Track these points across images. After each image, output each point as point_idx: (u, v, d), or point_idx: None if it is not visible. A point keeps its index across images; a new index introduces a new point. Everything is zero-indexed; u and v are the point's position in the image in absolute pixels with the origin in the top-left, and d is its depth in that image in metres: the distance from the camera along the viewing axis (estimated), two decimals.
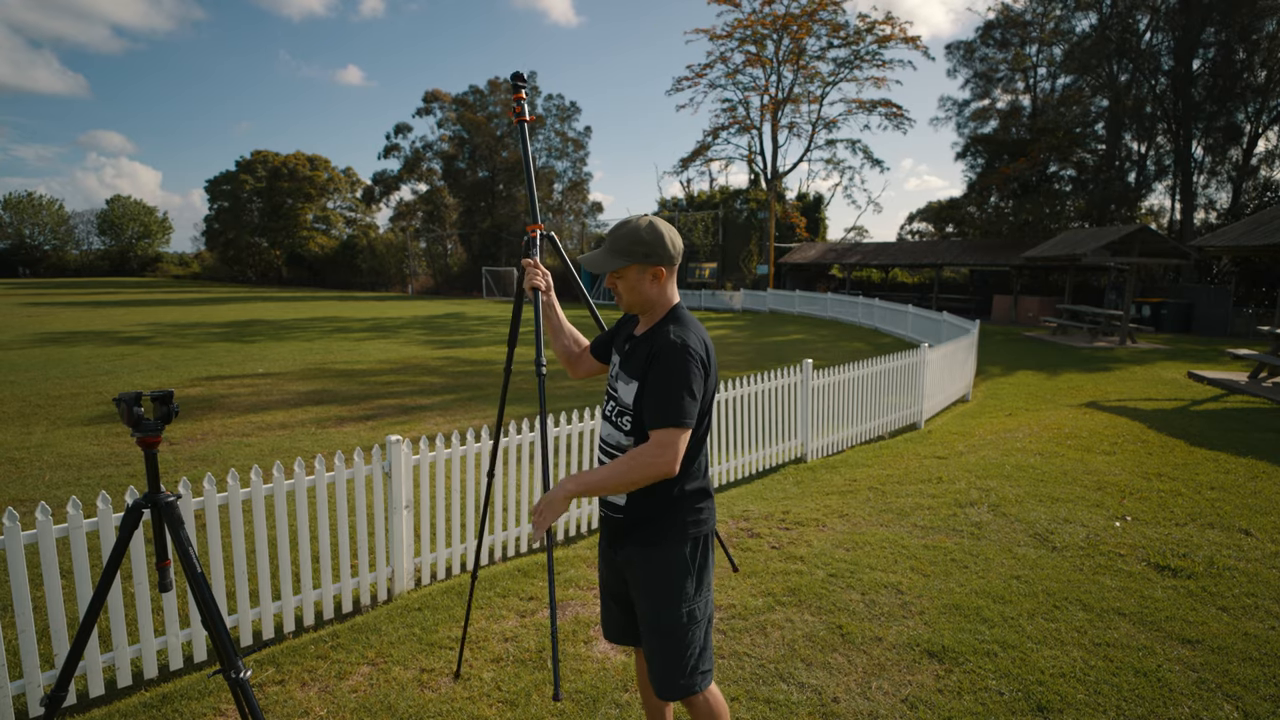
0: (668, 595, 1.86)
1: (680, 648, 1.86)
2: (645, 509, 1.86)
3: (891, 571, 3.82)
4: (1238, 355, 11.26)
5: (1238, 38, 24.78)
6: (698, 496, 1.89)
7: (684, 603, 1.86)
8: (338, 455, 3.41)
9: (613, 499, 1.91)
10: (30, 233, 71.67)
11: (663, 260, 1.84)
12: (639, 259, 1.83)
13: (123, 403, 1.84)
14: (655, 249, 1.82)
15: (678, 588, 1.86)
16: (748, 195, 37.21)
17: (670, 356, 1.74)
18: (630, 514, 1.88)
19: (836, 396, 6.65)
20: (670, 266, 1.87)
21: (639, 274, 1.85)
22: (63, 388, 9.41)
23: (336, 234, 59.04)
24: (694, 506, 1.88)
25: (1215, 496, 5.08)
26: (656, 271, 1.85)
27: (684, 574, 1.87)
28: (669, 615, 1.86)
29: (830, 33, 32.82)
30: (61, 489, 5.25)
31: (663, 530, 1.86)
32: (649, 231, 1.83)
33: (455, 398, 9.24)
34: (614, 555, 1.97)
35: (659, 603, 1.87)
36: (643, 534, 1.88)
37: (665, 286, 1.88)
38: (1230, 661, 2.92)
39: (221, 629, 1.87)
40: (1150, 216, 30.11)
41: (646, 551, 1.87)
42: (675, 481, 1.84)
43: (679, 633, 1.86)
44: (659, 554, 1.86)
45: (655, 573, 1.87)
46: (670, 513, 1.86)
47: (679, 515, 1.86)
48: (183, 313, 23.97)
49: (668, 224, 1.89)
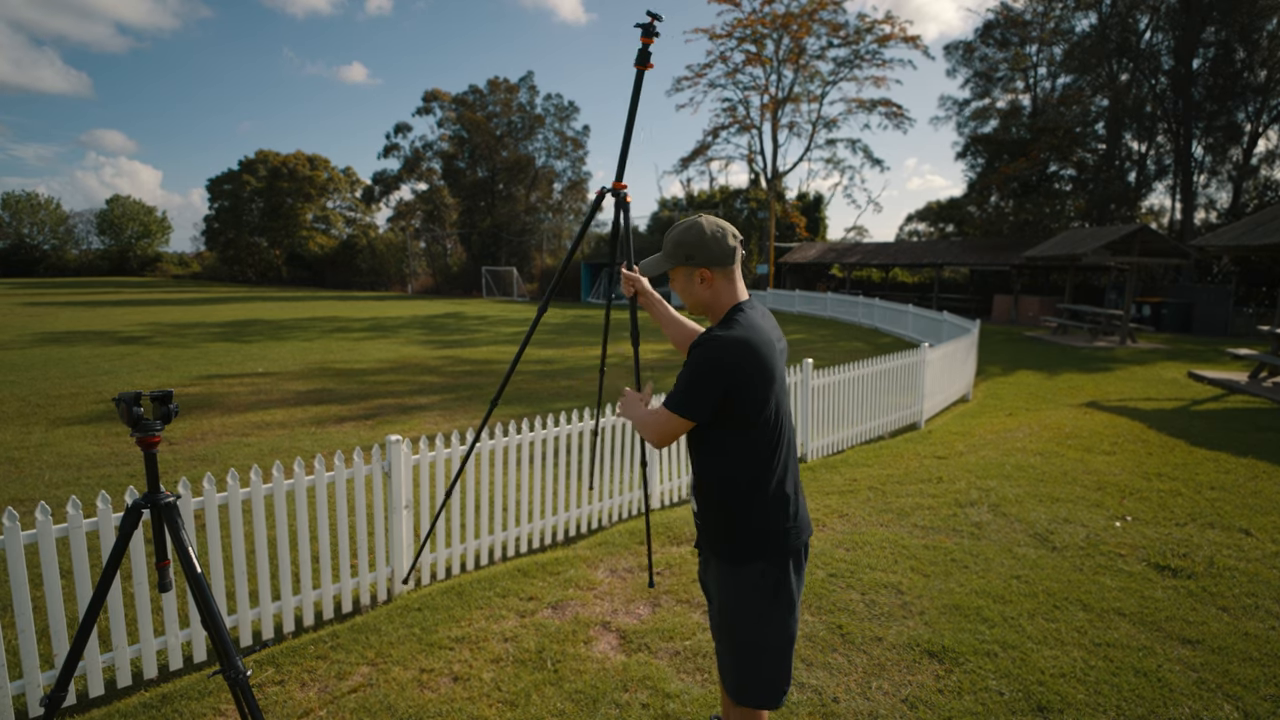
0: (728, 608, 1.84)
1: (734, 661, 1.86)
2: (711, 515, 1.84)
3: (891, 571, 3.81)
4: (1238, 355, 11.26)
5: (1238, 37, 24.78)
6: (770, 512, 1.78)
7: (745, 620, 1.81)
8: (338, 455, 3.41)
9: (693, 504, 1.93)
10: (29, 232, 71.62)
11: (706, 261, 1.78)
12: (680, 261, 1.81)
13: (122, 402, 1.83)
14: (695, 250, 1.78)
15: (741, 604, 1.81)
16: (748, 195, 37.23)
17: (699, 349, 1.72)
18: (704, 520, 1.88)
19: (836, 396, 6.65)
20: (717, 267, 1.79)
21: (686, 277, 1.83)
22: (63, 388, 9.41)
23: (336, 234, 58.98)
24: (769, 525, 1.78)
25: (1215, 496, 5.08)
26: (702, 273, 1.80)
27: (747, 592, 1.80)
28: (726, 627, 1.85)
29: (830, 32, 32.81)
30: (61, 489, 5.24)
31: (736, 546, 1.81)
32: (688, 232, 1.79)
33: (455, 397, 9.23)
34: (702, 556, 2.01)
35: (721, 612, 1.87)
36: (715, 544, 1.86)
37: (718, 288, 1.82)
38: (1230, 661, 2.92)
39: (221, 629, 1.87)
40: (1150, 216, 30.12)
41: (721, 564, 1.86)
42: (740, 492, 1.78)
43: (735, 649, 1.85)
44: (730, 569, 1.83)
45: (721, 583, 1.86)
46: (736, 525, 1.79)
47: (748, 529, 1.79)
48: (182, 312, 23.96)
49: (716, 221, 1.82)
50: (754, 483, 1.78)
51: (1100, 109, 29.05)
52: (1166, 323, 20.14)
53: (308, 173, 57.79)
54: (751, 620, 1.81)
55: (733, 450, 1.78)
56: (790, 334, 18.95)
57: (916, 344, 11.83)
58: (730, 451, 1.78)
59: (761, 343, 1.73)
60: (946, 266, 28.22)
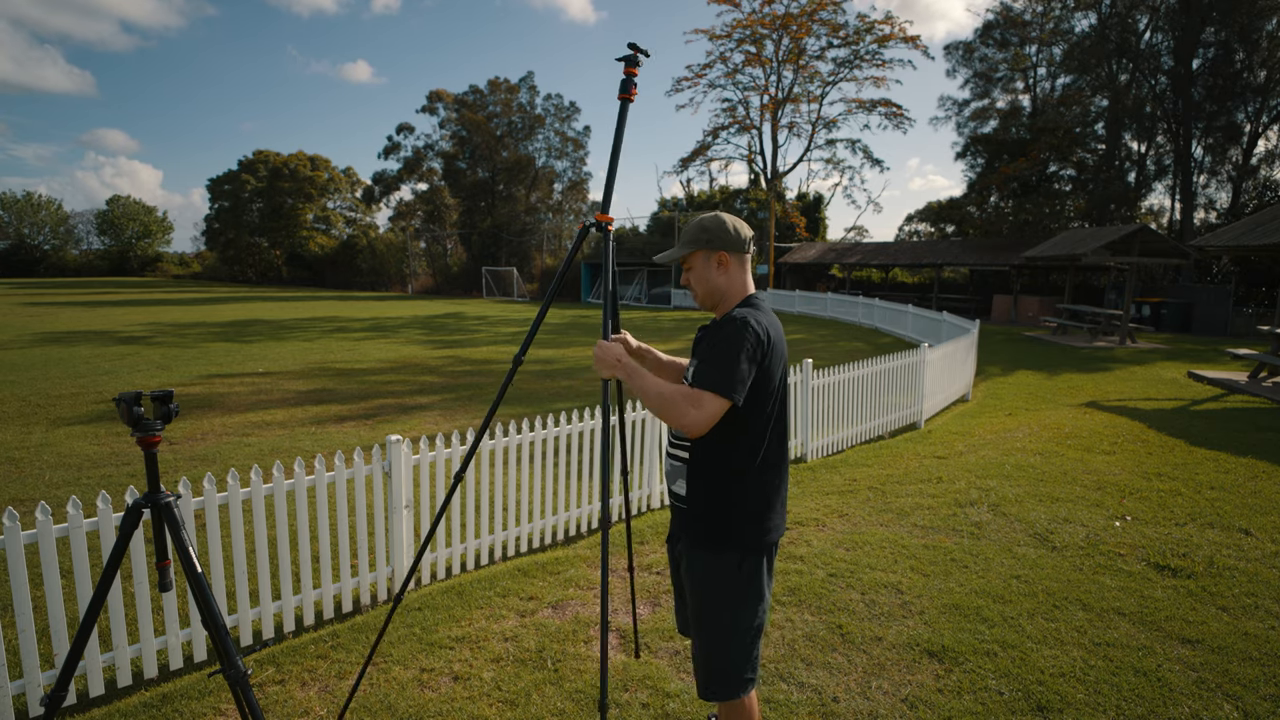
0: (713, 599, 1.84)
1: (721, 653, 1.85)
2: (704, 503, 1.84)
3: (891, 571, 3.82)
4: (1238, 355, 11.26)
5: (1237, 37, 24.79)
6: (761, 503, 1.83)
7: (729, 609, 1.83)
8: (338, 455, 3.41)
9: (677, 489, 1.89)
10: (30, 232, 71.61)
11: (725, 245, 1.87)
12: (702, 245, 1.88)
13: (122, 402, 1.83)
14: (716, 234, 1.87)
15: (725, 594, 1.83)
16: (748, 195, 37.25)
17: (727, 328, 1.75)
18: (691, 506, 1.86)
19: (836, 396, 6.65)
20: (734, 252, 1.89)
21: (704, 261, 1.90)
22: (63, 388, 9.41)
23: (336, 234, 59.01)
24: (754, 513, 1.82)
25: (1215, 496, 5.08)
26: (720, 257, 1.88)
27: (733, 582, 1.82)
28: (712, 619, 1.84)
29: (830, 32, 32.79)
30: (61, 489, 5.24)
31: (719, 532, 1.82)
32: (711, 220, 1.89)
33: (455, 397, 9.24)
34: (674, 550, 1.99)
35: (704, 605, 1.86)
36: (699, 531, 1.85)
37: (733, 275, 1.90)
38: (1230, 661, 2.92)
39: (221, 628, 1.87)
40: (1150, 216, 30.13)
41: (699, 552, 1.86)
42: (737, 480, 1.80)
43: (721, 638, 1.84)
44: (711, 557, 1.83)
45: (704, 575, 1.85)
46: (729, 513, 1.81)
47: (737, 519, 1.81)
48: (182, 312, 23.96)
49: (734, 216, 1.94)
50: (753, 472, 1.80)
51: (1100, 109, 29.07)
52: (1166, 323, 20.14)
53: (308, 173, 57.82)
54: (733, 608, 1.83)
55: (740, 437, 1.79)
56: (790, 334, 18.94)
57: (916, 344, 11.83)
58: (738, 438, 1.79)
59: (779, 331, 1.84)
60: (946, 266, 28.23)
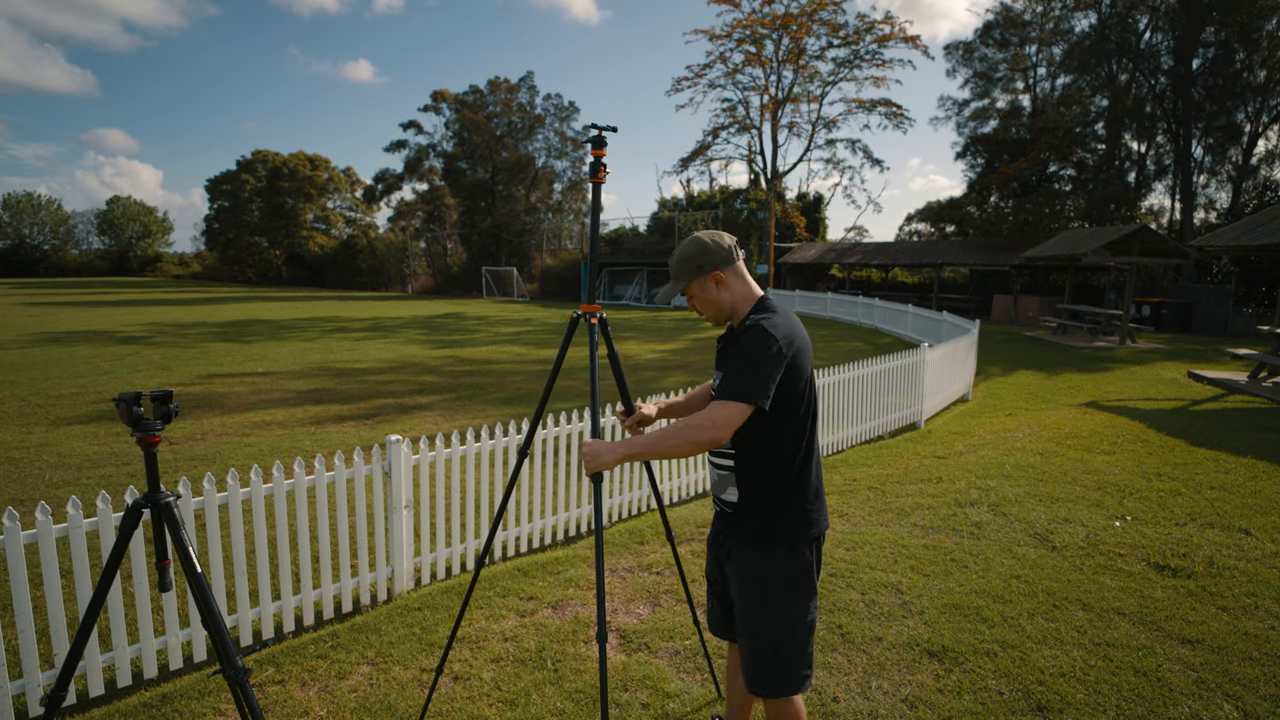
0: (765, 597, 1.85)
1: (772, 650, 1.86)
2: (756, 505, 1.86)
3: (891, 571, 3.82)
4: (1238, 355, 11.26)
5: (1237, 37, 24.78)
6: (806, 498, 1.86)
7: (783, 606, 1.84)
8: (338, 455, 3.41)
9: (727, 496, 1.91)
10: (29, 232, 71.60)
11: (715, 263, 1.88)
12: (693, 274, 1.90)
13: (122, 402, 1.83)
14: (702, 258, 1.89)
15: (777, 591, 1.84)
16: (747, 195, 37.21)
17: (746, 336, 1.77)
18: (743, 509, 1.88)
19: (836, 396, 6.65)
20: (725, 267, 1.90)
21: (701, 286, 1.91)
22: (63, 388, 9.41)
23: (336, 234, 58.98)
24: (803, 509, 1.85)
25: (1215, 496, 5.08)
26: (716, 277, 1.90)
27: (785, 578, 1.84)
28: (765, 617, 1.85)
29: (830, 32, 32.77)
30: (61, 489, 5.24)
31: (769, 531, 1.84)
32: (692, 246, 1.91)
33: (454, 397, 9.24)
34: (719, 549, 2.00)
35: (757, 603, 1.86)
36: (753, 530, 1.87)
37: (734, 287, 1.91)
38: (1230, 661, 2.92)
39: (221, 628, 1.87)
40: (1150, 216, 30.12)
41: (749, 552, 1.87)
42: (785, 476, 1.83)
43: (774, 635, 1.85)
44: (761, 556, 1.85)
45: (756, 573, 1.86)
46: (780, 510, 1.84)
47: (788, 514, 1.84)
48: (182, 312, 23.96)
49: (710, 230, 1.97)
50: (794, 468, 1.84)
51: (1100, 109, 29.06)
52: (1166, 323, 20.14)
53: (308, 173, 57.82)
54: (786, 605, 1.84)
55: (779, 436, 1.82)
56: None
57: (916, 344, 11.83)
58: (777, 438, 1.82)
59: (796, 326, 1.85)
60: (946, 266, 28.22)
